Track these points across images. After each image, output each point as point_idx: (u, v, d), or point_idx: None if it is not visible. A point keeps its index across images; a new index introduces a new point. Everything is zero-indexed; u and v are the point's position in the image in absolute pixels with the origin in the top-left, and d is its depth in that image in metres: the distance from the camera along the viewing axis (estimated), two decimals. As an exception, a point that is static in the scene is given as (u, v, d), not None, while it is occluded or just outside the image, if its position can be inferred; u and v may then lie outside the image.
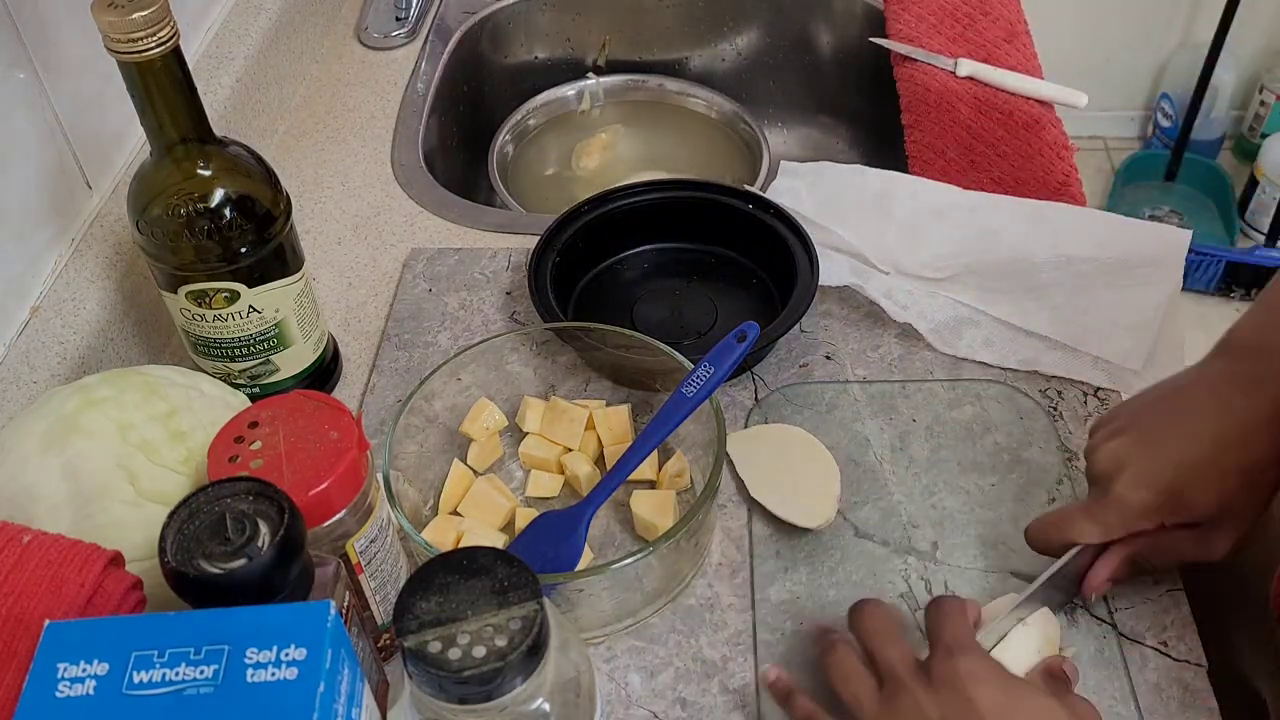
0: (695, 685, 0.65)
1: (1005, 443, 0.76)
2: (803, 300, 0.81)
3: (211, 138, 0.69)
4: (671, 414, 0.70)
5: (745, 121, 1.19)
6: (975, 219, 0.89)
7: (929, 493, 0.74)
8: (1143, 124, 2.53)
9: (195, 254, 0.69)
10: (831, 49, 1.25)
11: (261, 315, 0.73)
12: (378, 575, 0.62)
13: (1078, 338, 0.81)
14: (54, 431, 0.60)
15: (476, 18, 1.22)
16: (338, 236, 0.96)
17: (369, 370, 0.84)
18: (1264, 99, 2.36)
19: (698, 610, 0.69)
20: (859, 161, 1.06)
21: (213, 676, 0.41)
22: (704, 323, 0.87)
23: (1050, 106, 1.02)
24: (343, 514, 0.58)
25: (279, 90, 1.06)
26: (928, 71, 1.05)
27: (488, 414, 0.76)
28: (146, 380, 0.64)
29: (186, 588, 0.47)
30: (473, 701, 0.43)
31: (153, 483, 0.59)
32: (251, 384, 0.76)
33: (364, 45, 1.17)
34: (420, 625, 0.43)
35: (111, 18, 0.61)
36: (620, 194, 0.91)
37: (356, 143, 1.06)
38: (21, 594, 0.51)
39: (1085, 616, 0.67)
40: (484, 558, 0.45)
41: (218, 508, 0.49)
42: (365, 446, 0.59)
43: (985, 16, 1.12)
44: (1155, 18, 2.35)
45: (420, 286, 0.90)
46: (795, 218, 0.87)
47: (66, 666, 0.42)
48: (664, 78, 1.26)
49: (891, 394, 0.80)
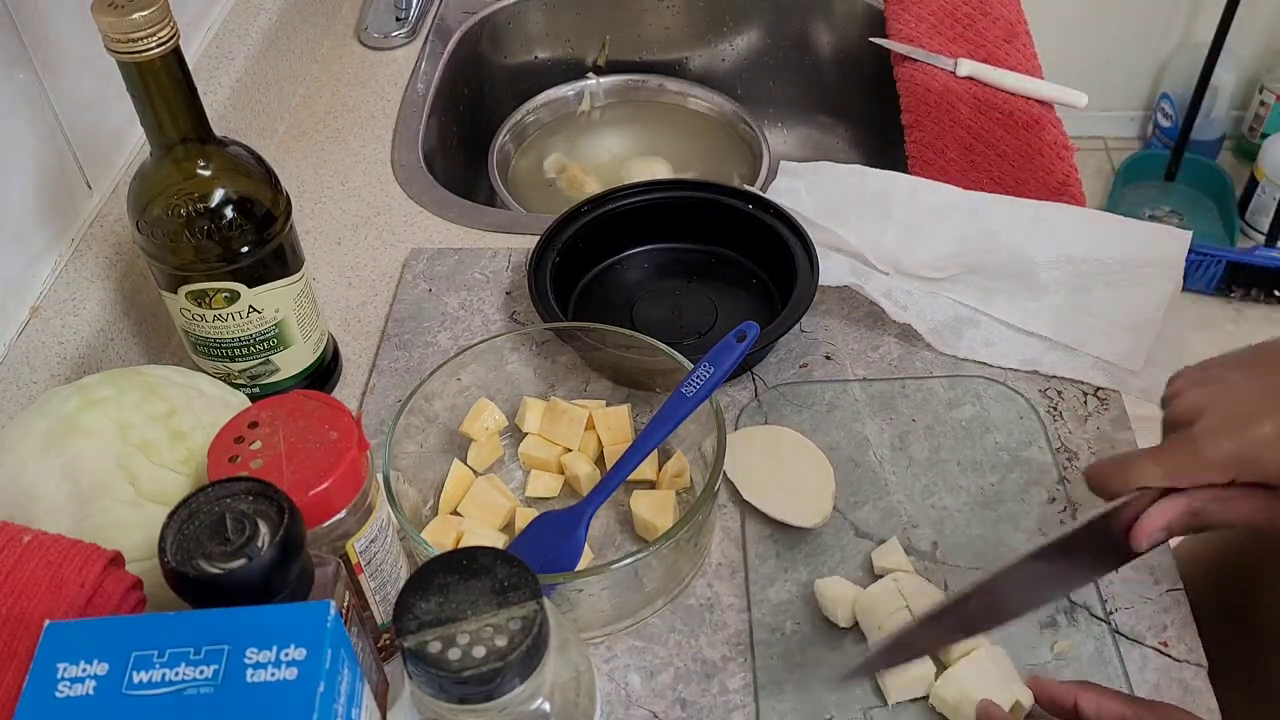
0: (695, 685, 0.65)
1: (1005, 442, 0.76)
2: (803, 300, 0.81)
3: (211, 138, 0.69)
4: (671, 414, 0.70)
5: (745, 121, 1.19)
6: (975, 219, 0.89)
7: (929, 493, 0.74)
8: (1143, 124, 2.53)
9: (195, 254, 0.69)
10: (831, 49, 1.25)
11: (261, 315, 0.73)
12: (378, 575, 0.62)
13: (1078, 338, 0.81)
14: (54, 431, 0.60)
15: (476, 18, 1.22)
16: (338, 236, 0.96)
17: (369, 370, 0.84)
18: (1264, 99, 2.36)
19: (698, 610, 0.69)
20: (859, 161, 1.06)
21: (212, 676, 0.41)
22: (704, 323, 0.87)
23: (1050, 106, 1.02)
24: (343, 514, 0.58)
25: (279, 90, 1.06)
26: (928, 71, 1.05)
27: (488, 414, 0.76)
28: (146, 380, 0.64)
29: (186, 588, 0.47)
30: (473, 701, 0.43)
31: (153, 483, 0.59)
32: (251, 384, 0.76)
33: (364, 45, 1.18)
34: (420, 625, 0.43)
35: (111, 18, 0.61)
36: (620, 194, 0.91)
37: (356, 143, 1.06)
38: (21, 594, 0.51)
39: (1085, 616, 0.67)
40: (484, 558, 0.45)
41: (218, 508, 0.49)
42: (365, 446, 0.59)
43: (985, 16, 1.12)
44: (1155, 18, 2.35)
45: (420, 286, 0.90)
46: (795, 218, 0.87)
47: (66, 666, 0.42)
48: (664, 78, 1.26)
49: (891, 394, 0.80)
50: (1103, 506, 0.59)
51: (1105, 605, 0.67)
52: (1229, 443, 0.57)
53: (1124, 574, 0.68)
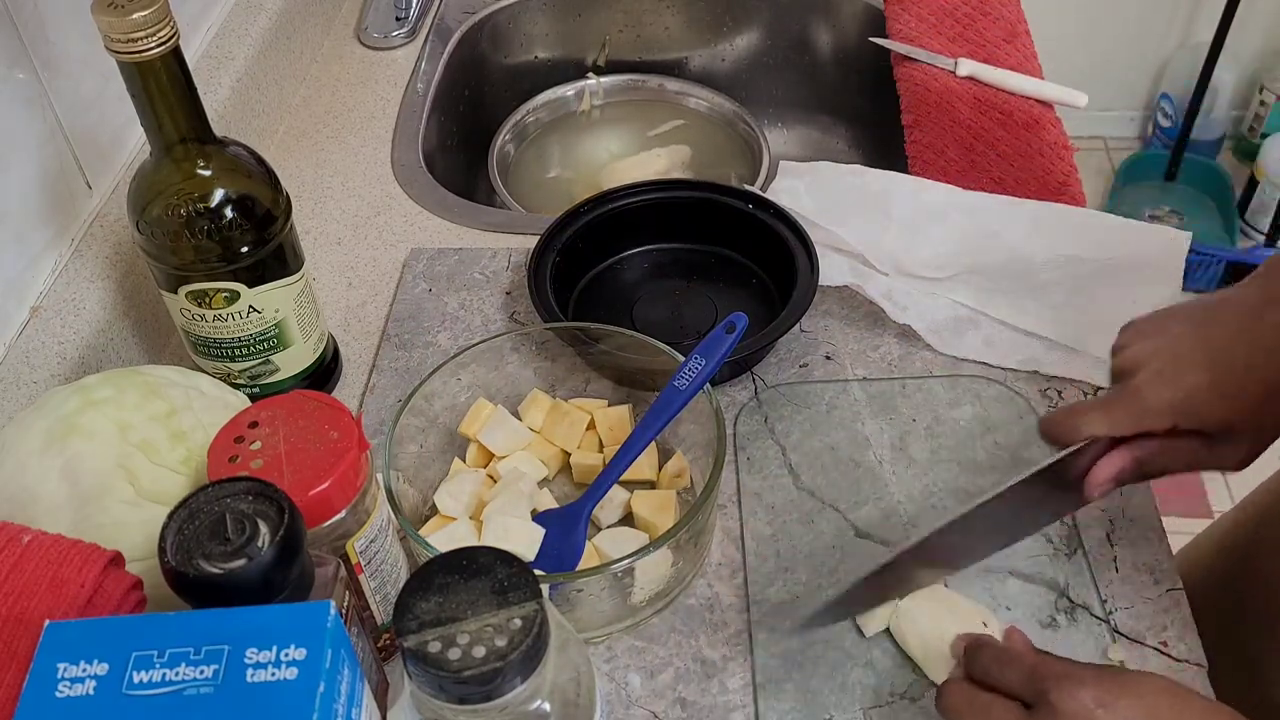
0: (695, 685, 0.65)
1: (1005, 442, 0.76)
2: (803, 300, 0.81)
3: (211, 138, 0.69)
4: (665, 407, 0.70)
5: (745, 121, 1.19)
6: (975, 219, 0.89)
7: (929, 493, 0.74)
8: (1143, 124, 2.53)
9: (195, 254, 0.69)
10: (831, 49, 1.25)
11: (261, 315, 0.73)
12: (378, 575, 0.62)
13: (1078, 338, 0.81)
14: (54, 431, 0.60)
15: (476, 18, 1.22)
16: (338, 236, 0.96)
17: (369, 370, 0.84)
18: (1264, 99, 2.36)
19: (698, 610, 0.69)
20: (859, 161, 1.06)
21: (212, 676, 0.41)
22: (704, 323, 0.87)
23: (1050, 106, 1.02)
24: (343, 514, 0.58)
25: (279, 90, 1.06)
26: (928, 71, 1.05)
27: (488, 414, 0.76)
28: (146, 380, 0.64)
29: (186, 588, 0.47)
30: (472, 701, 0.43)
31: (153, 483, 0.59)
32: (251, 384, 0.76)
33: (364, 45, 1.18)
34: (420, 625, 0.43)
35: (111, 18, 0.61)
36: (620, 194, 0.91)
37: (356, 143, 1.06)
38: (21, 594, 0.51)
39: (1085, 616, 0.67)
40: (484, 558, 0.45)
41: (218, 508, 0.49)
42: (365, 446, 0.59)
43: (985, 16, 1.12)
44: (1155, 18, 2.35)
45: (420, 286, 0.90)
46: (795, 218, 0.87)
47: (66, 666, 0.42)
48: (664, 78, 1.26)
49: (891, 394, 0.80)
50: (1058, 453, 0.62)
51: (1105, 605, 0.67)
52: (1167, 392, 0.60)
53: (1124, 574, 0.69)
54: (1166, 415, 0.60)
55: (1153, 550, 0.70)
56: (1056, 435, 0.63)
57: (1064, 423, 0.63)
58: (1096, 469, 0.62)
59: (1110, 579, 0.69)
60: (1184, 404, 0.59)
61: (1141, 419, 0.60)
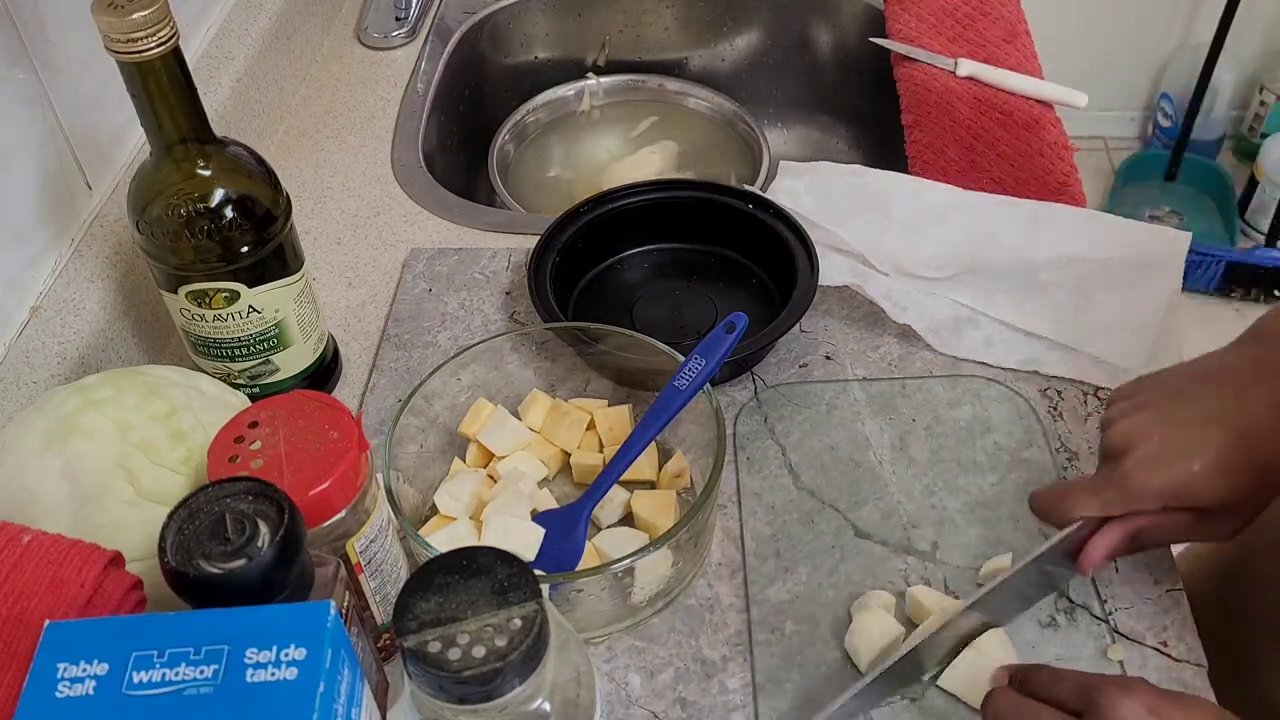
0: (695, 685, 0.65)
1: (1005, 443, 0.76)
2: (803, 300, 0.81)
3: (211, 138, 0.69)
4: (665, 407, 0.70)
5: (745, 121, 1.19)
6: (975, 219, 0.89)
7: (929, 493, 0.74)
8: (1143, 124, 2.53)
9: (195, 254, 0.69)
10: (831, 49, 1.25)
11: (261, 315, 0.73)
12: (378, 575, 0.62)
13: (1078, 338, 0.81)
14: (54, 431, 0.60)
15: (476, 18, 1.22)
16: (338, 236, 0.96)
17: (369, 370, 0.84)
18: (1264, 99, 2.36)
19: (698, 610, 0.69)
20: (859, 161, 1.06)
21: (212, 676, 0.41)
22: (704, 323, 0.87)
23: (1050, 106, 1.02)
24: (343, 514, 0.58)
25: (279, 90, 1.06)
26: (928, 71, 1.05)
27: (488, 414, 0.76)
28: (146, 380, 0.64)
29: (186, 588, 0.47)
30: (472, 701, 0.43)
31: (153, 483, 0.59)
32: (251, 384, 0.76)
33: (364, 45, 1.18)
34: (420, 625, 0.43)
35: (111, 18, 0.61)
36: (620, 194, 0.91)
37: (356, 143, 1.06)
38: (21, 594, 0.51)
39: (1085, 616, 0.67)
40: (484, 558, 0.45)
41: (218, 508, 0.49)
42: (365, 446, 0.59)
43: (985, 16, 1.12)
44: (1155, 18, 2.35)
45: (420, 286, 0.90)
46: (795, 218, 0.87)
47: (66, 666, 0.42)
48: (664, 78, 1.26)
49: (891, 394, 0.80)
50: (1054, 536, 0.63)
51: (1105, 605, 0.67)
52: (1158, 478, 0.60)
53: (1124, 574, 0.69)
54: (1156, 499, 0.61)
55: (1152, 550, 0.70)
56: (1049, 516, 0.65)
57: (1056, 505, 0.64)
58: (1090, 548, 0.63)
59: (1110, 579, 0.69)
60: (1174, 489, 0.60)
61: (1132, 503, 0.61)
